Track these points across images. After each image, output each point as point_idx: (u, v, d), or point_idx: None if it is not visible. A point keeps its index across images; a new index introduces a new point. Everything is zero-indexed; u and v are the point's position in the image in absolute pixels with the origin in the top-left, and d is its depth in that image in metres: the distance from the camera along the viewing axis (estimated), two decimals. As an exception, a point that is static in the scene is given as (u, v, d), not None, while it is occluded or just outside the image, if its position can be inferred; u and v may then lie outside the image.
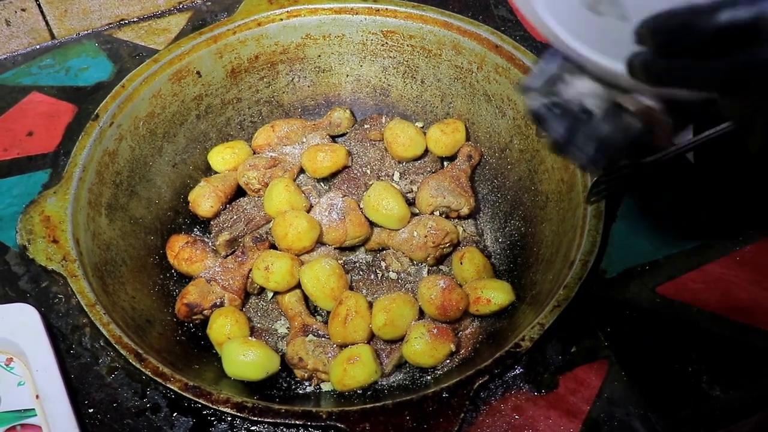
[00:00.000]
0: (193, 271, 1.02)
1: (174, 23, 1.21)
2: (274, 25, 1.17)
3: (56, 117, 1.08)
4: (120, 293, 0.93)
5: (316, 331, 0.96)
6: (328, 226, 1.02)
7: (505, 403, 0.80)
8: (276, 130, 1.15)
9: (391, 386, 0.93)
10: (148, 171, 1.08)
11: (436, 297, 0.93)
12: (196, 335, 0.98)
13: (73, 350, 0.86)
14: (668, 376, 0.82)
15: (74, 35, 1.19)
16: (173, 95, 1.11)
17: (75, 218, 0.93)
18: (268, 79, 1.20)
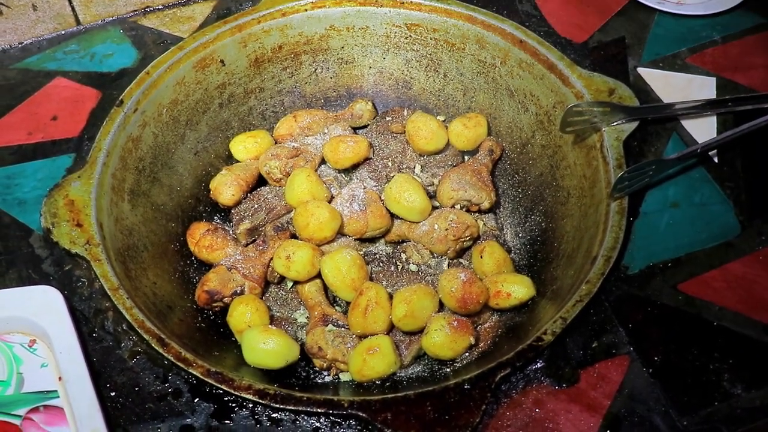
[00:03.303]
0: (213, 259, 1.02)
1: (199, 11, 1.22)
2: (298, 16, 1.17)
3: (80, 102, 1.09)
4: (142, 278, 0.93)
5: (335, 321, 0.96)
6: (349, 217, 1.02)
7: (526, 396, 0.80)
8: (298, 120, 1.15)
9: (410, 378, 0.93)
10: (170, 158, 1.08)
11: (456, 290, 0.93)
12: (216, 323, 0.99)
13: (95, 334, 0.86)
14: (689, 373, 0.81)
15: (99, 21, 1.20)
16: (197, 83, 1.11)
17: (99, 203, 0.94)
18: (291, 69, 1.20)
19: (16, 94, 1.10)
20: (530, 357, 0.81)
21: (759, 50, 1.18)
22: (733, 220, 0.96)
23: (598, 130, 1.00)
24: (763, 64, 1.15)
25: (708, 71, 1.14)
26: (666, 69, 1.14)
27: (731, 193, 0.99)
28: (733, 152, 1.03)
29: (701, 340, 0.84)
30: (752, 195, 0.99)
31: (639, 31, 1.20)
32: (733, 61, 1.15)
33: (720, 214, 0.97)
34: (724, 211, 0.97)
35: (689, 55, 1.16)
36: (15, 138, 1.05)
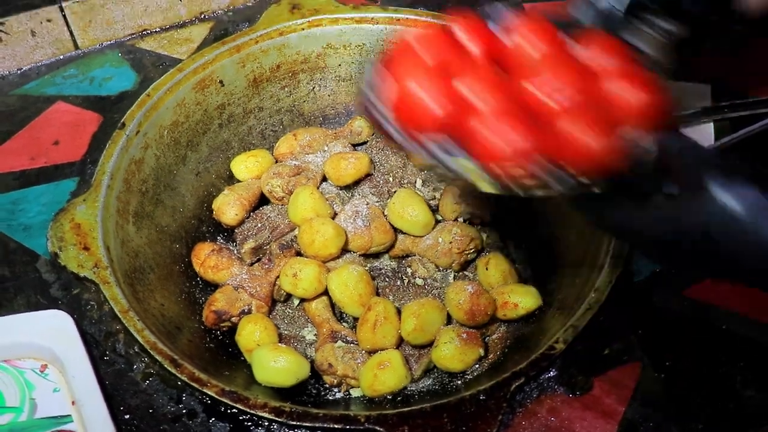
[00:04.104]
0: (219, 279, 1.02)
1: (196, 33, 1.23)
2: (295, 35, 1.18)
3: (81, 126, 1.09)
4: (150, 300, 0.93)
5: (344, 337, 0.96)
6: (353, 233, 1.03)
7: (540, 406, 0.81)
8: (298, 138, 1.15)
9: (420, 391, 0.93)
10: (172, 179, 1.08)
11: (464, 302, 0.93)
12: (224, 342, 0.99)
13: (107, 357, 0.86)
14: (701, 377, 0.82)
15: (97, 45, 1.20)
16: (197, 104, 1.12)
17: (105, 226, 0.94)
18: (290, 88, 1.21)
19: (16, 120, 1.10)
20: (543, 366, 0.81)
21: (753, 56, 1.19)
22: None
23: None
24: (757, 70, 1.17)
25: (703, 78, 1.15)
26: (661, 77, 1.15)
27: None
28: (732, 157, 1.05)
29: (710, 343, 0.85)
30: None
31: (632, 41, 1.21)
32: (727, 67, 1.16)
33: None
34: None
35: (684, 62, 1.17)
36: (18, 164, 1.05)
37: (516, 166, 0.66)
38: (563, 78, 0.69)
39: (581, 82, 0.69)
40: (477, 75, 0.71)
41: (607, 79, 0.69)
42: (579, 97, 0.68)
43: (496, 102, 0.70)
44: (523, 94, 0.70)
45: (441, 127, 0.70)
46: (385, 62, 0.75)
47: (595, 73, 0.70)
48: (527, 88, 0.69)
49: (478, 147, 0.68)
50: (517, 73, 0.72)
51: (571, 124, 0.66)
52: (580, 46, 0.73)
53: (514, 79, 0.71)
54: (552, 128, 0.67)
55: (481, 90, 0.70)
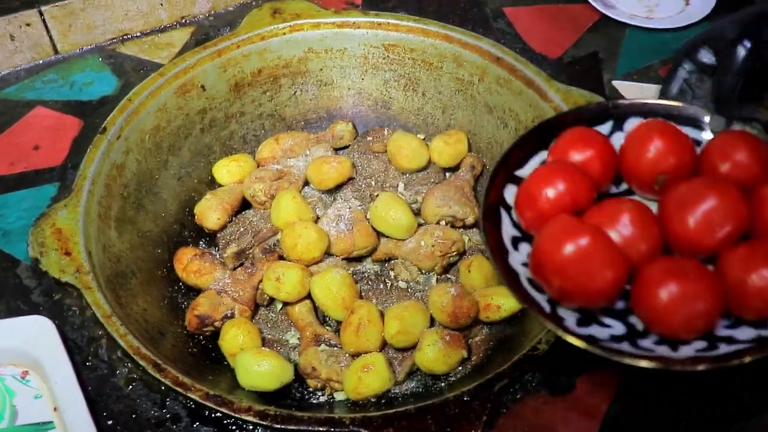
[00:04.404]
0: (202, 284, 1.02)
1: (177, 38, 1.22)
2: (276, 40, 1.18)
3: (62, 131, 1.08)
4: (132, 305, 0.93)
5: (328, 340, 0.96)
6: (336, 237, 1.03)
7: (524, 406, 0.81)
8: (280, 143, 1.15)
9: (404, 394, 0.94)
10: (154, 184, 1.08)
11: (447, 304, 0.94)
12: (207, 347, 0.98)
13: (89, 362, 0.86)
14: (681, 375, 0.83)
15: (78, 50, 1.19)
16: (178, 109, 1.12)
17: (86, 231, 0.94)
18: (271, 92, 1.21)
19: (-5, 125, 1.09)
20: (527, 367, 0.82)
21: (726, 61, 1.21)
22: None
23: None
24: (732, 75, 1.18)
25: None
26: (640, 81, 1.17)
27: None
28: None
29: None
30: None
31: (611, 45, 1.23)
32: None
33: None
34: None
35: (661, 67, 1.19)
36: (-4, 169, 1.04)
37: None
38: (721, 205, 0.66)
39: (738, 207, 0.66)
40: (629, 217, 0.67)
41: (765, 198, 0.67)
42: (741, 229, 0.66)
43: (654, 250, 0.67)
44: (677, 232, 0.67)
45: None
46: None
47: (746, 191, 0.67)
48: (688, 228, 0.66)
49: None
50: (661, 200, 0.70)
51: (746, 267, 0.64)
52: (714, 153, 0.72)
53: (664, 209, 0.69)
54: (725, 273, 0.65)
55: (637, 238, 0.67)
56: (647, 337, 0.66)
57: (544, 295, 0.69)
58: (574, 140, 0.76)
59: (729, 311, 0.66)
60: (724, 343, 0.64)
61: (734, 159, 0.70)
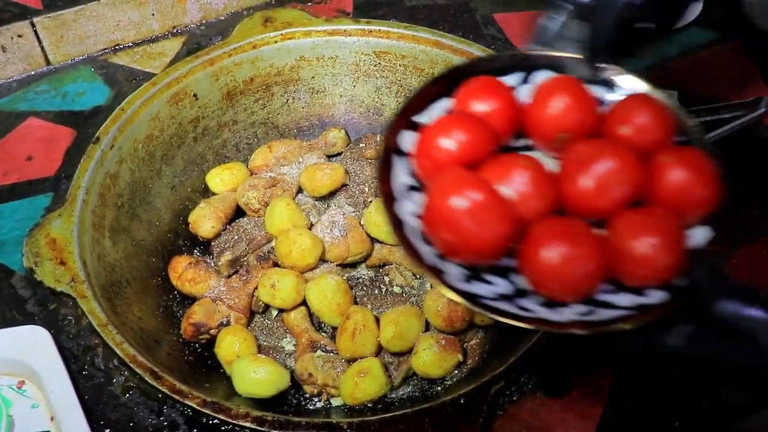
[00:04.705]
0: (196, 292, 1.02)
1: (169, 47, 1.23)
2: (268, 48, 1.19)
3: (55, 141, 1.09)
4: (127, 314, 0.93)
5: (323, 346, 0.97)
6: (330, 243, 1.03)
7: (520, 408, 0.82)
8: (273, 150, 1.16)
9: (401, 398, 0.94)
10: (147, 193, 1.08)
11: (442, 309, 0.94)
12: (203, 355, 0.98)
13: (85, 371, 0.85)
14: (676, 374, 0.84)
15: (69, 61, 1.20)
16: (171, 118, 1.12)
17: (81, 240, 0.94)
18: (263, 101, 1.21)
19: (-13, 136, 1.10)
20: (523, 369, 0.82)
21: (714, 64, 1.23)
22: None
23: None
24: (719, 77, 1.20)
25: (669, 85, 1.17)
26: (629, 84, 1.18)
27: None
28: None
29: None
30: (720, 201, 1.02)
31: (600, 49, 1.24)
32: (691, 74, 1.20)
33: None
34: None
35: (650, 70, 1.20)
36: (-10, 180, 1.04)
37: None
38: (617, 170, 0.64)
39: (634, 173, 0.65)
40: (523, 175, 0.66)
41: (662, 168, 0.65)
42: (634, 195, 0.65)
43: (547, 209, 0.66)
44: (572, 193, 0.66)
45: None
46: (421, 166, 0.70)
47: (644, 156, 0.66)
48: (583, 189, 0.65)
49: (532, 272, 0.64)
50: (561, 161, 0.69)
51: (632, 233, 0.63)
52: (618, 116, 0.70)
53: (562, 169, 0.68)
54: (612, 238, 0.64)
55: (530, 196, 0.65)
56: (530, 298, 0.65)
57: (431, 247, 0.67)
58: (478, 90, 0.74)
59: (612, 277, 0.65)
60: (603, 309, 0.63)
61: (636, 123, 0.69)
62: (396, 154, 0.72)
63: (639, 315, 0.61)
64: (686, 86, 1.18)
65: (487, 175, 0.66)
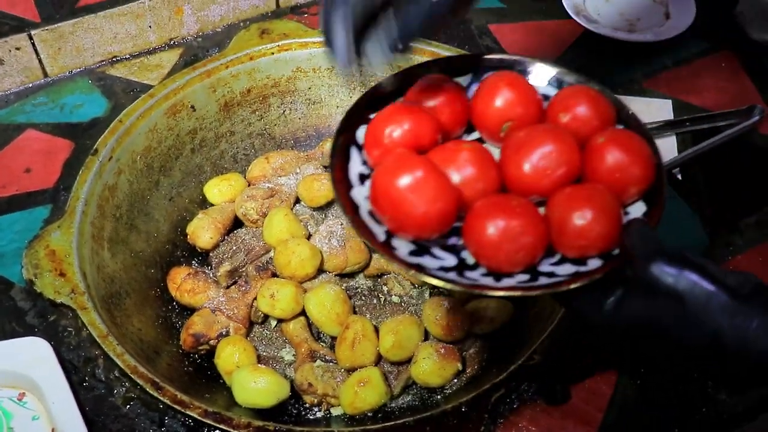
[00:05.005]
0: (195, 303, 1.02)
1: (166, 59, 1.23)
2: (265, 59, 1.19)
3: (53, 153, 1.09)
4: (127, 326, 0.93)
5: (323, 356, 0.97)
6: (328, 253, 1.03)
7: (521, 416, 0.82)
8: (271, 161, 1.16)
9: (401, 408, 0.94)
10: (146, 205, 1.08)
11: (441, 317, 0.95)
12: (202, 366, 0.98)
13: (86, 382, 0.85)
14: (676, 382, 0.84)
15: (67, 73, 1.20)
16: (169, 129, 1.12)
17: (80, 252, 0.94)
18: (260, 112, 1.22)
19: (-15, 149, 1.10)
20: (522, 377, 0.82)
21: (708, 73, 1.24)
22: (701, 233, 1.00)
23: None
24: (712, 86, 1.21)
25: (664, 94, 1.19)
26: (624, 94, 1.19)
27: (696, 207, 1.03)
28: (694, 169, 1.08)
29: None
30: (716, 208, 1.03)
31: (595, 59, 1.25)
32: (685, 83, 1.21)
33: (689, 228, 1.01)
34: (692, 225, 1.01)
35: (644, 80, 1.22)
36: (-12, 192, 1.04)
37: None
38: (555, 151, 0.68)
39: (572, 154, 0.68)
40: (467, 158, 0.69)
41: (599, 149, 0.69)
42: (573, 174, 0.68)
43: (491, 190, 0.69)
44: (513, 174, 0.69)
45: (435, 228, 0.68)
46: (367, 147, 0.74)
47: (583, 139, 0.70)
48: (523, 170, 0.68)
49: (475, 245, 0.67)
50: (503, 145, 0.72)
51: (568, 207, 0.66)
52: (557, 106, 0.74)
53: (503, 153, 0.71)
54: (551, 213, 0.67)
55: (474, 178, 0.69)
56: (475, 270, 0.68)
57: (382, 227, 0.70)
58: (428, 87, 0.77)
59: (554, 249, 0.68)
60: (545, 278, 0.65)
61: (574, 112, 0.73)
62: (354, 146, 0.76)
63: (571, 279, 0.63)
64: (680, 95, 1.19)
65: (433, 159, 0.70)
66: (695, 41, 1.29)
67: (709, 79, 1.22)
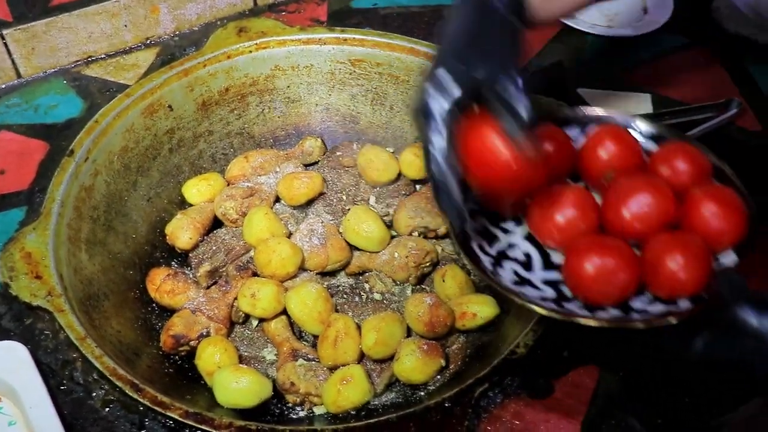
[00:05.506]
0: (175, 304, 1.01)
1: (142, 59, 1.22)
2: (243, 58, 1.18)
3: (28, 155, 1.07)
4: (106, 327, 0.92)
5: (305, 355, 0.96)
6: (309, 252, 1.03)
7: (505, 410, 0.82)
8: (250, 160, 1.15)
9: (384, 405, 0.94)
10: (123, 206, 1.07)
11: (423, 314, 0.94)
12: (183, 367, 0.97)
13: (64, 386, 0.84)
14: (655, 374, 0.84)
15: (41, 73, 1.19)
16: (146, 129, 1.11)
17: (57, 254, 0.92)
18: (239, 111, 1.21)
19: (-42, 151, 1.08)
20: (506, 371, 0.82)
21: (685, 67, 1.25)
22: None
23: None
24: (691, 79, 1.22)
25: (643, 88, 1.19)
26: (604, 88, 1.19)
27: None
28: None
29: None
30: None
31: (574, 54, 1.25)
32: (664, 77, 1.21)
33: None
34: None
35: (624, 75, 1.22)
36: (-38, 195, 1.03)
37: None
38: (652, 199, 0.75)
39: (667, 203, 0.75)
40: (571, 199, 0.78)
41: (696, 201, 0.76)
42: (667, 221, 0.75)
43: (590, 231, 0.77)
44: (613, 218, 0.77)
45: None
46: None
47: (681, 191, 0.77)
48: (622, 215, 0.76)
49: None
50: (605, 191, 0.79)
51: (663, 251, 0.72)
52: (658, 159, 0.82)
53: (605, 198, 0.79)
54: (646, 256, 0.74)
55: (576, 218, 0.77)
56: (572, 303, 0.76)
57: (489, 257, 0.81)
58: (542, 134, 0.83)
59: (647, 289, 0.75)
60: (636, 314, 0.73)
61: (673, 165, 0.81)
62: None
63: (663, 315, 0.71)
64: (659, 89, 1.19)
65: (541, 202, 0.80)
66: (673, 36, 1.29)
67: (687, 73, 1.23)
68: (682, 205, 0.77)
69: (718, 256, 0.76)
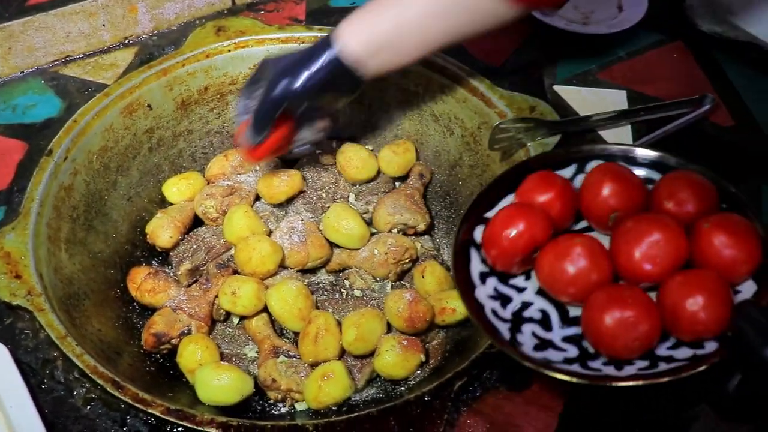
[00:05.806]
0: (156, 302, 1.01)
1: (121, 58, 1.22)
2: (222, 57, 1.19)
3: (6, 155, 1.07)
4: (87, 326, 0.92)
5: (286, 352, 0.97)
6: (290, 249, 1.03)
7: (484, 403, 0.83)
8: (229, 159, 1.16)
9: (365, 401, 0.94)
10: (103, 205, 1.07)
11: (403, 310, 0.95)
12: (164, 365, 0.98)
13: (45, 384, 0.84)
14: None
15: (18, 73, 1.18)
16: (125, 129, 1.11)
17: (36, 253, 0.92)
18: (218, 110, 1.21)
19: (-64, 152, 1.07)
20: (485, 365, 0.83)
21: (660, 63, 1.26)
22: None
23: (523, 145, 1.04)
24: (665, 76, 1.23)
25: (618, 85, 1.21)
26: (580, 85, 1.20)
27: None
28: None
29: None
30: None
31: (551, 52, 1.26)
32: (639, 74, 1.23)
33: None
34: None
35: (599, 71, 1.23)
36: (-61, 195, 1.02)
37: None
38: (662, 239, 0.73)
39: (678, 241, 0.73)
40: (580, 252, 0.75)
41: (705, 234, 0.74)
42: (680, 260, 0.73)
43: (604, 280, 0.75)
44: (624, 263, 0.75)
45: None
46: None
47: (688, 223, 0.75)
48: (634, 259, 0.74)
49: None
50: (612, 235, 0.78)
51: (681, 294, 0.71)
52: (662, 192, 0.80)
53: (614, 243, 0.77)
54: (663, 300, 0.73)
55: (588, 269, 0.75)
56: (596, 359, 0.73)
57: (506, 323, 0.78)
58: (537, 183, 0.84)
59: (669, 334, 0.73)
60: (664, 362, 0.71)
61: (677, 197, 0.79)
62: (473, 247, 0.84)
63: (692, 364, 0.70)
64: (634, 85, 1.21)
65: (548, 255, 0.78)
66: (648, 33, 1.31)
67: (662, 70, 1.24)
68: (691, 238, 0.75)
69: (738, 287, 0.75)
